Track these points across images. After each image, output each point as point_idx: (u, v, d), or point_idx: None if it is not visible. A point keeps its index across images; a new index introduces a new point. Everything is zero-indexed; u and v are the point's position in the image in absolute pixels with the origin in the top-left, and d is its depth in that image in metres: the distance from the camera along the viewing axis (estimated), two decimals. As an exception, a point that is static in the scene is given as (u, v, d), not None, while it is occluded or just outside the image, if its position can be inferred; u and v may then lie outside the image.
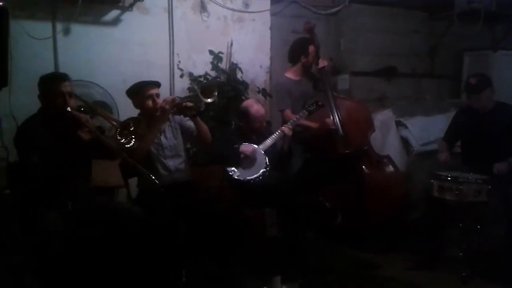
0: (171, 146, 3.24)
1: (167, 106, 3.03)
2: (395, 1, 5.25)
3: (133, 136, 2.76)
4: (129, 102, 3.73)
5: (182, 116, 3.29)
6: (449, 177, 3.30)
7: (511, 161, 3.42)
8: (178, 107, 3.08)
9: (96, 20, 3.93)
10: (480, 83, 3.54)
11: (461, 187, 3.21)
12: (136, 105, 3.22)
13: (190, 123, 3.29)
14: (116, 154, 2.83)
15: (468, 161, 3.62)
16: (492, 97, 3.61)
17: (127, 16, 4.02)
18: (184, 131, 3.33)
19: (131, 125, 2.78)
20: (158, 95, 3.19)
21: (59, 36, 3.79)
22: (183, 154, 3.32)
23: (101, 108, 3.25)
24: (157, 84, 3.26)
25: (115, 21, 4.00)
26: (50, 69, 3.67)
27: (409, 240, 3.78)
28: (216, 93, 3.16)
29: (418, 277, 3.41)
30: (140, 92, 3.17)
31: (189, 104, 3.09)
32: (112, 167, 3.24)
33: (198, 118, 3.20)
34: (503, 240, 3.46)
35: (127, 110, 3.65)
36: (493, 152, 3.48)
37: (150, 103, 3.13)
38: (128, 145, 2.75)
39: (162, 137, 3.22)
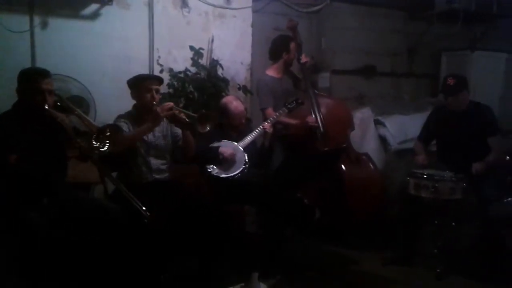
0: (157, 145, 3.24)
1: (162, 113, 3.04)
2: (376, 0, 5.30)
3: (107, 141, 2.74)
4: (107, 97, 3.76)
5: None
6: (425, 175, 3.35)
7: (488, 161, 3.48)
8: (172, 116, 3.09)
9: (75, 14, 3.88)
10: (457, 84, 3.57)
11: (436, 185, 3.26)
12: (134, 96, 3.22)
13: (178, 131, 3.30)
14: (88, 157, 2.84)
15: (444, 160, 3.67)
16: (467, 97, 3.66)
17: (106, 10, 3.97)
18: (172, 135, 3.33)
19: (108, 130, 2.76)
20: (158, 91, 3.20)
21: (37, 30, 3.73)
22: (167, 156, 3.32)
23: (78, 106, 3.20)
24: (159, 80, 3.29)
25: (94, 15, 3.96)
26: (27, 63, 3.62)
27: (386, 237, 3.83)
28: (210, 125, 3.15)
29: (394, 272, 3.46)
30: (141, 84, 3.17)
31: (183, 118, 3.08)
32: (88, 163, 3.21)
33: (188, 132, 3.20)
34: (477, 237, 3.53)
35: (104, 105, 3.64)
36: (467, 151, 3.52)
37: (148, 96, 3.13)
38: (102, 149, 2.73)
39: (150, 136, 3.21)
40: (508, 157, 4.14)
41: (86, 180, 3.42)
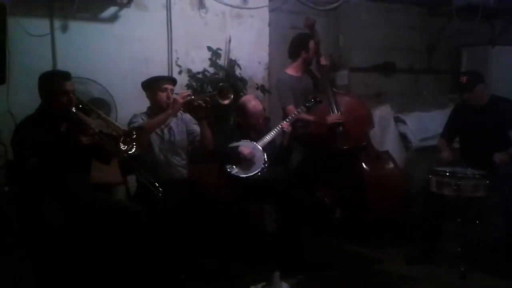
0: (173, 142, 3.27)
1: (180, 100, 3.08)
2: (393, -3, 5.26)
3: (134, 143, 2.78)
4: (128, 99, 3.79)
5: (190, 118, 3.35)
6: (447, 172, 3.31)
7: (510, 152, 3.43)
8: (190, 104, 3.13)
9: (94, 17, 3.92)
10: (471, 80, 3.56)
11: (459, 182, 3.22)
12: (149, 97, 3.28)
13: (195, 127, 3.32)
14: (111, 159, 2.89)
15: (467, 157, 3.63)
16: (486, 92, 3.61)
17: (125, 12, 4.00)
18: (188, 133, 3.35)
19: (134, 133, 2.80)
20: (172, 91, 3.25)
21: (57, 33, 3.77)
22: (183, 153, 3.34)
23: (99, 108, 3.24)
24: (173, 81, 3.37)
25: (113, 18, 3.99)
26: (48, 66, 3.66)
27: (408, 235, 3.79)
28: (232, 96, 3.21)
29: (416, 272, 3.42)
30: (156, 84, 3.24)
31: (202, 104, 3.12)
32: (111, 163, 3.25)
33: (205, 122, 3.23)
34: (501, 235, 3.47)
35: (126, 107, 3.67)
36: (490, 146, 3.48)
37: (163, 96, 3.20)
38: (130, 152, 2.77)
39: (166, 131, 3.25)
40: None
41: (107, 181, 3.47)
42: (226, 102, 3.18)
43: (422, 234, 3.61)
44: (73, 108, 2.76)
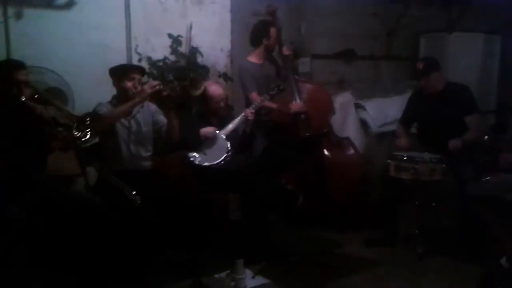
0: (138, 132, 3.22)
1: (148, 90, 3.02)
2: (354, -16, 5.29)
3: (88, 130, 2.72)
4: (85, 87, 3.71)
5: (156, 108, 3.30)
6: (405, 157, 3.39)
7: (465, 138, 3.54)
8: (159, 94, 3.05)
9: (50, 3, 3.78)
10: (427, 67, 3.64)
11: (416, 166, 3.31)
12: (116, 85, 3.21)
13: (161, 117, 3.28)
14: (70, 147, 2.80)
15: (424, 141, 3.73)
16: (442, 79, 3.70)
17: (81, -2, 3.90)
18: (154, 123, 3.31)
19: (88, 119, 2.73)
20: (140, 81, 3.18)
21: (11, 20, 3.63)
22: (148, 144, 3.30)
23: (56, 98, 3.16)
24: (142, 70, 3.32)
25: (69, 4, 3.86)
26: (2, 54, 3.53)
27: (369, 219, 3.88)
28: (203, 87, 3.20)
29: (376, 254, 3.53)
30: (123, 72, 3.18)
31: (171, 93, 3.06)
32: (68, 154, 3.18)
33: (173, 113, 3.18)
34: (456, 217, 3.60)
35: (83, 96, 3.59)
36: (446, 131, 3.57)
37: (130, 84, 3.13)
38: (84, 139, 2.71)
39: (132, 121, 3.20)
40: (486, 136, 4.23)
41: (67, 173, 3.40)
42: (198, 92, 3.16)
43: (382, 218, 3.71)
44: (23, 98, 2.67)
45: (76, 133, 2.70)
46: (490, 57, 5.68)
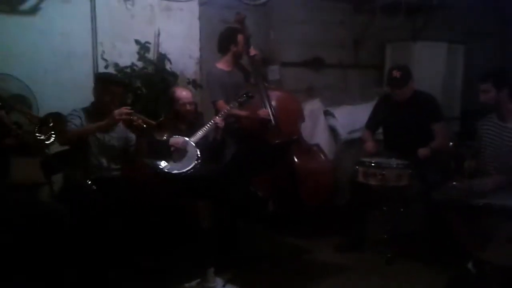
0: (110, 146, 3.23)
1: (118, 117, 3.01)
2: (322, -7, 5.37)
3: (52, 132, 2.65)
4: (49, 95, 3.63)
5: None
6: (372, 163, 3.43)
7: (432, 146, 3.60)
8: (128, 121, 3.05)
9: (13, 9, 3.69)
10: (404, 76, 3.63)
11: (383, 172, 3.35)
12: (95, 93, 3.22)
13: (132, 136, 3.29)
14: (35, 151, 2.73)
15: (390, 147, 3.78)
16: (413, 86, 3.77)
17: (46, 4, 3.81)
18: (126, 140, 3.32)
19: (50, 120, 2.67)
20: (120, 96, 3.20)
21: (-27, 26, 3.54)
22: (119, 159, 3.30)
23: (19, 103, 3.09)
24: (123, 84, 3.35)
25: (34, 10, 3.79)
26: (-37, 60, 3.43)
27: (338, 225, 3.91)
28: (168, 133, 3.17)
29: (346, 259, 3.55)
30: (103, 83, 3.20)
31: (140, 125, 3.04)
32: (34, 162, 3.10)
33: (142, 140, 3.20)
34: (423, 221, 3.66)
35: (47, 103, 3.50)
36: (412, 138, 3.63)
37: (107, 99, 3.13)
38: (48, 142, 2.64)
39: (106, 136, 3.21)
40: (451, 143, 4.33)
41: (32, 181, 3.31)
42: (160, 138, 3.12)
43: (351, 223, 3.74)
44: None
45: (39, 135, 2.63)
46: (453, 66, 5.85)
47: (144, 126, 3.05)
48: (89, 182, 2.88)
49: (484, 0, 6.06)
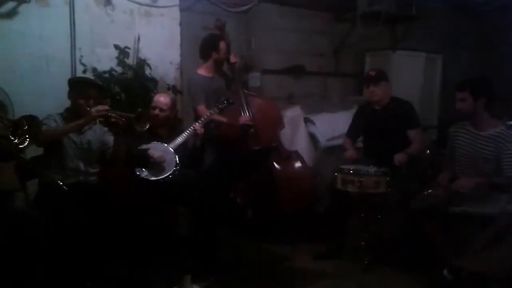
0: (87, 149, 3.20)
1: (94, 113, 2.99)
2: (303, 2, 5.41)
3: (27, 136, 2.60)
4: (26, 99, 3.57)
5: (106, 129, 3.25)
6: (351, 170, 3.46)
7: (408, 152, 3.64)
8: (107, 119, 3.04)
9: (-10, 13, 3.66)
10: (378, 75, 3.77)
11: (362, 179, 3.37)
12: (70, 97, 3.21)
13: (109, 138, 3.26)
14: (9, 156, 2.68)
15: (369, 155, 3.81)
16: (388, 91, 3.82)
17: (24, 8, 3.77)
18: (102, 143, 3.29)
19: (25, 123, 2.62)
20: (96, 99, 3.17)
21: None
22: (94, 161, 3.27)
23: None
24: (100, 88, 3.33)
25: (11, 14, 3.74)
26: None
27: (317, 232, 3.91)
28: (148, 126, 3.14)
29: (324, 266, 3.55)
30: (78, 87, 3.19)
31: (119, 120, 3.03)
32: (8, 168, 3.04)
33: (121, 139, 3.16)
34: (401, 228, 3.69)
35: (24, 107, 3.44)
36: (390, 145, 3.66)
37: (83, 102, 3.11)
38: (22, 146, 2.59)
39: (82, 138, 3.18)
40: (428, 151, 4.39)
41: (6, 188, 3.23)
42: (142, 128, 3.11)
43: (329, 230, 3.75)
44: None
45: (12, 138, 2.58)
46: (431, 75, 5.95)
47: (123, 120, 3.04)
48: (64, 187, 2.81)
49: (462, 11, 6.21)
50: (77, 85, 3.19)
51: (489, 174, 3.14)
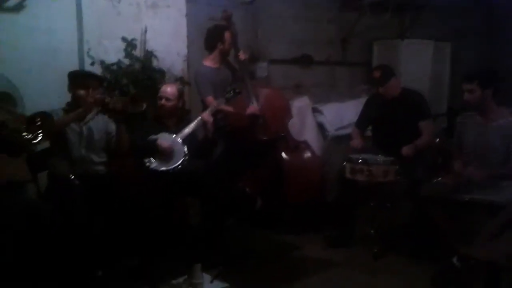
0: (90, 139, 3.23)
1: (91, 101, 3.06)
2: (310, -10, 5.38)
3: (40, 131, 2.64)
4: (34, 92, 3.60)
5: (108, 118, 3.29)
6: (360, 159, 3.45)
7: (417, 144, 3.63)
8: (105, 106, 3.07)
9: (-2, 6, 3.67)
10: (384, 75, 3.75)
11: (371, 168, 3.37)
12: (70, 89, 3.23)
13: (112, 127, 3.30)
14: (21, 150, 2.72)
15: (378, 144, 3.80)
16: (398, 84, 3.81)
17: (31, 1, 3.76)
18: (106, 132, 3.32)
19: (38, 119, 2.65)
20: (96, 90, 3.20)
21: (-43, 23, 3.50)
22: (101, 151, 3.31)
23: (5, 103, 3.08)
24: (98, 79, 3.36)
25: (19, 7, 3.73)
26: None
27: (326, 220, 3.92)
28: (145, 105, 3.17)
29: (334, 255, 3.56)
30: (79, 80, 3.21)
31: (117, 107, 3.06)
32: (20, 160, 3.08)
33: (122, 126, 3.21)
34: (410, 216, 3.69)
35: (33, 101, 3.47)
36: (400, 135, 3.67)
37: (83, 93, 3.15)
38: (35, 141, 2.63)
39: (85, 129, 3.21)
40: (438, 139, 4.36)
41: (18, 179, 3.28)
42: (139, 109, 3.14)
43: (339, 219, 3.75)
44: None
45: (26, 134, 2.62)
46: (440, 63, 5.91)
47: (120, 104, 3.07)
48: (72, 177, 2.85)
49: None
50: (76, 78, 3.23)
51: (497, 165, 3.13)
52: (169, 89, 3.57)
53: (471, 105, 3.24)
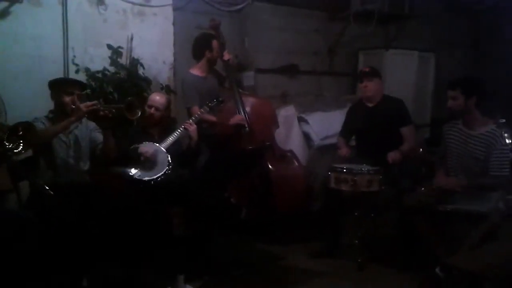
0: (76, 147, 3.19)
1: (84, 108, 2.98)
2: (296, 1, 5.41)
3: (21, 141, 2.60)
4: (20, 100, 3.57)
5: (94, 125, 3.25)
6: (344, 169, 3.47)
7: (402, 149, 3.67)
8: (95, 114, 3.02)
9: (-17, 13, 3.63)
10: (372, 71, 3.85)
11: (355, 178, 3.38)
12: (54, 98, 3.18)
13: (98, 135, 3.26)
14: (2, 160, 2.68)
15: (362, 153, 3.83)
16: (381, 88, 3.86)
17: (16, 8, 3.74)
18: (91, 140, 3.28)
19: (20, 129, 2.62)
20: (79, 96, 3.16)
21: None
22: (87, 159, 3.27)
23: None
24: (82, 86, 3.31)
25: (4, 14, 3.72)
26: None
27: (311, 230, 3.93)
28: (140, 113, 3.13)
29: (319, 265, 3.56)
30: (61, 86, 3.16)
31: (108, 114, 3.02)
32: (1, 169, 3.04)
33: (109, 132, 3.17)
34: (394, 226, 3.71)
35: (17, 108, 3.45)
36: (383, 143, 3.70)
37: (68, 100, 3.09)
38: (16, 150, 2.59)
39: (70, 136, 3.17)
40: (421, 149, 4.41)
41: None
42: (134, 117, 3.11)
43: (324, 229, 3.76)
44: None
45: (7, 144, 2.58)
46: (424, 74, 5.98)
47: (113, 111, 3.03)
48: (50, 191, 2.80)
49: (455, 10, 6.23)
50: (59, 85, 3.18)
51: (480, 174, 3.16)
52: (158, 98, 3.56)
53: (454, 112, 3.28)
